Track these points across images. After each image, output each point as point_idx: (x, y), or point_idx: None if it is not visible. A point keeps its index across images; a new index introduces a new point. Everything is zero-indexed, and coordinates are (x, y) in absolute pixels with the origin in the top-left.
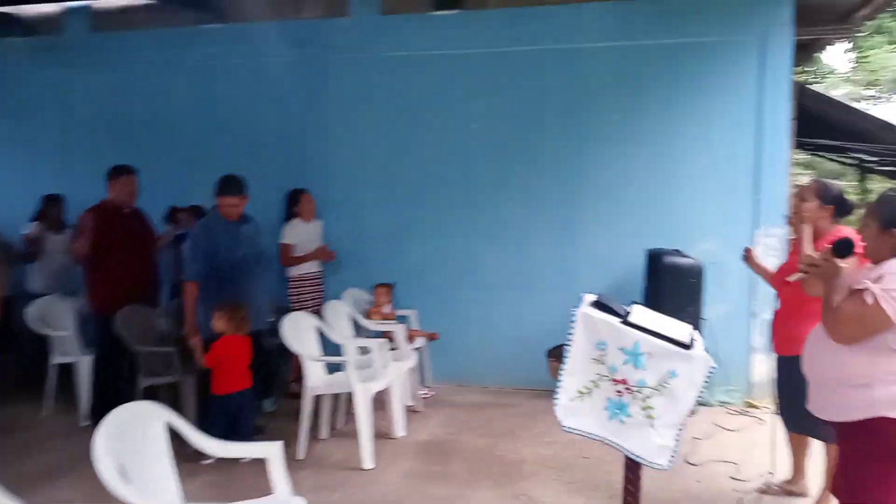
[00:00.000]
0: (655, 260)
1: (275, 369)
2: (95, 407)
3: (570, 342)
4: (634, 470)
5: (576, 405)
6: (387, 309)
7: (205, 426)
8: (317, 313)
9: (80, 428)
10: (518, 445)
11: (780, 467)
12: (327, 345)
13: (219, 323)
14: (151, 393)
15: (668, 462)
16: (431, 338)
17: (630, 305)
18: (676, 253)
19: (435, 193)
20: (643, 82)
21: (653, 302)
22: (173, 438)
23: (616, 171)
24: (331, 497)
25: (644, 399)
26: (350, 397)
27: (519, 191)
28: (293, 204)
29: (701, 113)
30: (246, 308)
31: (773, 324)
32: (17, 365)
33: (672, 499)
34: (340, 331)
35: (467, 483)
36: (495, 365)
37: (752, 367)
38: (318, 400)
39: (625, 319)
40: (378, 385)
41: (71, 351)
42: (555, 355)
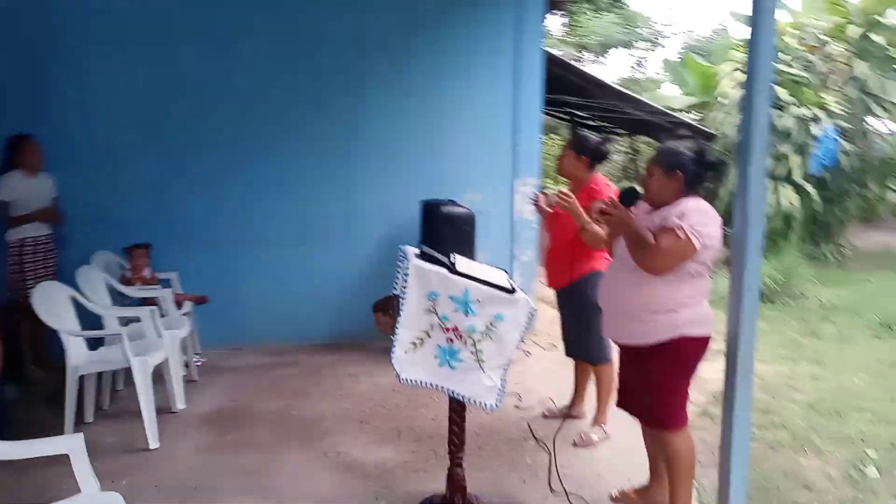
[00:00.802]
0: (432, 210)
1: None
2: None
3: (405, 295)
4: (460, 412)
5: (409, 357)
6: (147, 273)
7: None
8: None
9: None
10: (313, 403)
11: (559, 394)
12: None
13: None
14: None
15: (497, 402)
16: (201, 301)
17: (452, 256)
18: (451, 203)
19: (210, 140)
20: (416, 37)
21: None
22: None
23: (393, 125)
24: (119, 486)
25: (474, 344)
26: (115, 375)
27: (302, 141)
28: (14, 154)
29: (466, 70)
30: None
31: (546, 261)
32: None
33: (471, 433)
34: (99, 300)
35: (273, 447)
36: (276, 324)
37: None
38: (82, 380)
39: (454, 269)
40: (157, 357)
41: None
42: (381, 308)
